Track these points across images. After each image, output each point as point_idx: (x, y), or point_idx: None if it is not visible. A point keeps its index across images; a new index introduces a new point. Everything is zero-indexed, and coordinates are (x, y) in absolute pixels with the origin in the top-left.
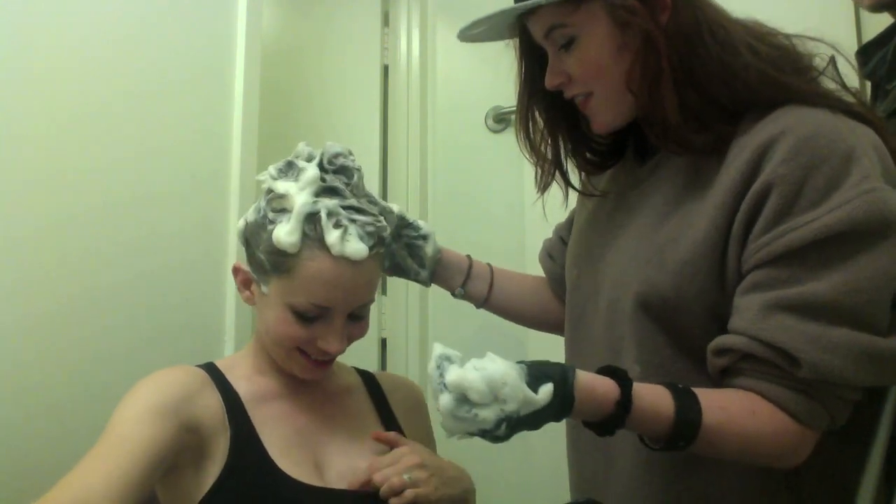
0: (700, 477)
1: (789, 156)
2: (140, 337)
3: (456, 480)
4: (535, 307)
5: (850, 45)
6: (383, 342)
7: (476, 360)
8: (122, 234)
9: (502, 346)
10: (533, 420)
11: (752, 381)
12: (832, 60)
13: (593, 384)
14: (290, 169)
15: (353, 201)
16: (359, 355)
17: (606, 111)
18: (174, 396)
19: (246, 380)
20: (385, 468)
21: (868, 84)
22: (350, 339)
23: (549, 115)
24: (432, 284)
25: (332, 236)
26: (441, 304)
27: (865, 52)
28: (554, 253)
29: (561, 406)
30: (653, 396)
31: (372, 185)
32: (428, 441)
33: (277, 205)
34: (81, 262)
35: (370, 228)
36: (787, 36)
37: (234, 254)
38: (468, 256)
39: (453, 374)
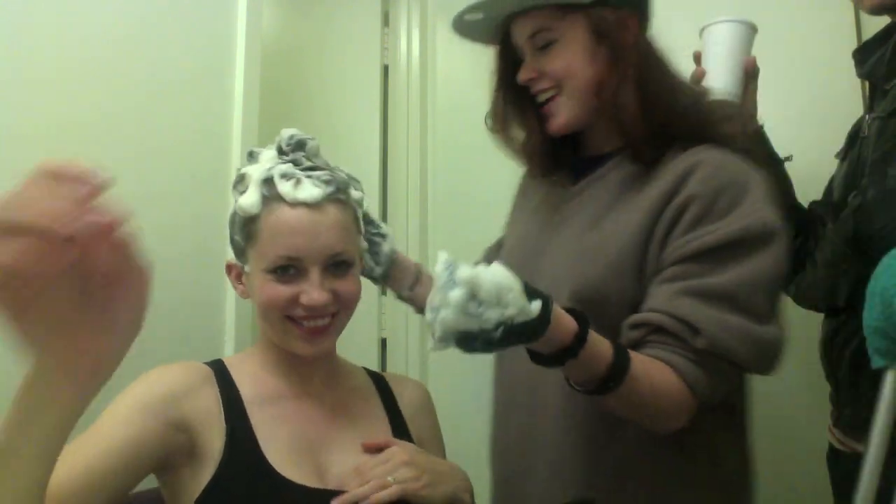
0: (617, 448)
1: (705, 180)
2: (139, 337)
3: (448, 476)
4: None
5: (850, 45)
6: (383, 342)
7: (483, 266)
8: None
9: None
10: (520, 331)
11: (658, 350)
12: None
13: (561, 315)
14: (251, 157)
15: (306, 163)
16: (359, 355)
17: (568, 110)
18: (162, 395)
19: (252, 378)
20: (373, 470)
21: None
22: (339, 298)
23: (518, 107)
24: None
25: (285, 186)
26: None
27: (863, 52)
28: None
29: (540, 323)
30: (598, 339)
31: (372, 185)
32: (436, 441)
33: (241, 187)
34: None
35: (325, 177)
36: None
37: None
38: (417, 264)
39: (467, 271)
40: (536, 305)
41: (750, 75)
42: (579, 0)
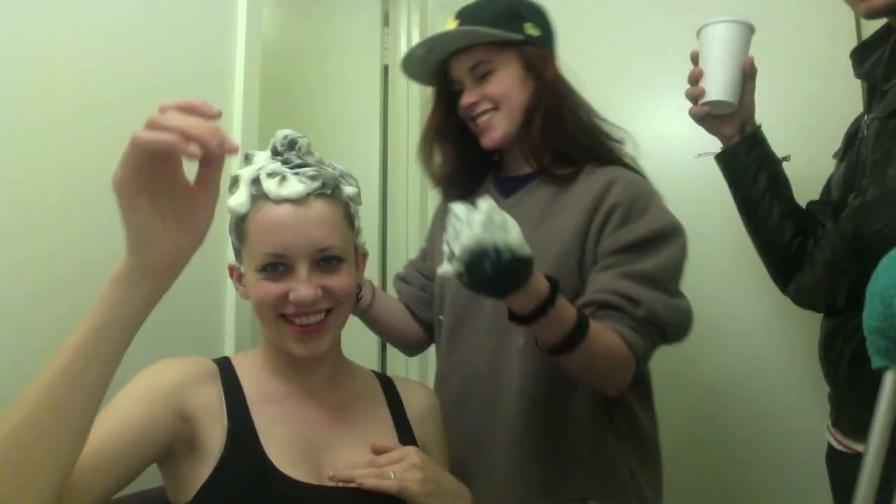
0: (562, 425)
1: (623, 191)
2: (139, 337)
3: (452, 494)
4: (401, 323)
5: (849, 46)
6: (384, 343)
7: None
8: (122, 235)
9: None
10: (512, 265)
11: (607, 322)
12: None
13: (538, 273)
14: (246, 160)
15: (297, 161)
16: (359, 355)
17: (504, 126)
18: (168, 383)
19: (255, 377)
20: (382, 463)
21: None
22: (331, 294)
23: (448, 134)
24: None
25: (270, 184)
26: None
27: (861, 53)
28: (410, 279)
29: (525, 270)
30: (565, 302)
31: (372, 185)
32: (440, 447)
33: (234, 189)
34: (81, 262)
35: (311, 173)
36: (603, 119)
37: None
38: (370, 282)
39: (486, 202)
40: (528, 248)
41: (748, 75)
42: (513, 38)
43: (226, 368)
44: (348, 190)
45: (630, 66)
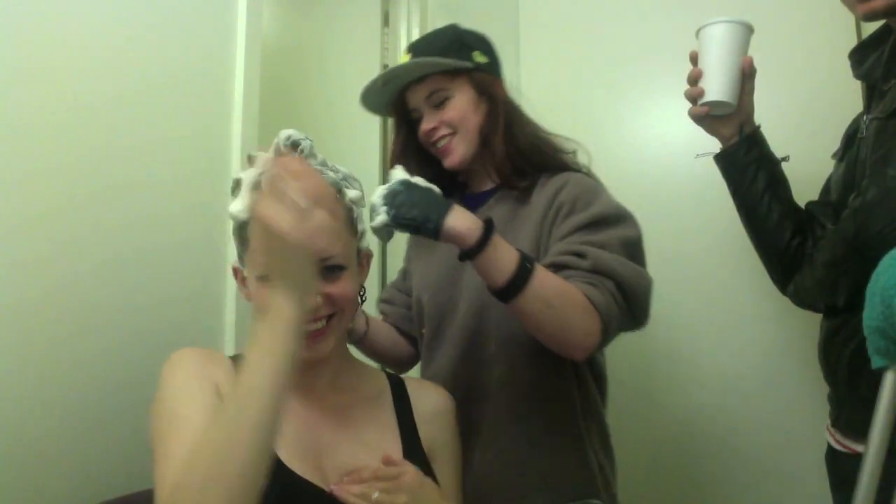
0: (536, 432)
1: (571, 189)
2: (141, 337)
3: None
4: (392, 343)
5: (848, 46)
6: None
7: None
8: (122, 236)
9: None
10: (422, 188)
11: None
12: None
13: (465, 211)
14: (248, 162)
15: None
16: (358, 354)
17: (462, 149)
18: (202, 360)
19: None
20: (372, 478)
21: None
22: (333, 301)
23: (416, 164)
24: None
25: None
26: None
27: (859, 54)
28: (394, 300)
29: (434, 193)
30: (508, 246)
31: (372, 185)
32: (448, 450)
33: (236, 192)
34: (82, 262)
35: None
36: (553, 134)
37: (233, 255)
38: (365, 312)
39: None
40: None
41: (747, 76)
42: (464, 65)
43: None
44: (351, 194)
45: (630, 66)
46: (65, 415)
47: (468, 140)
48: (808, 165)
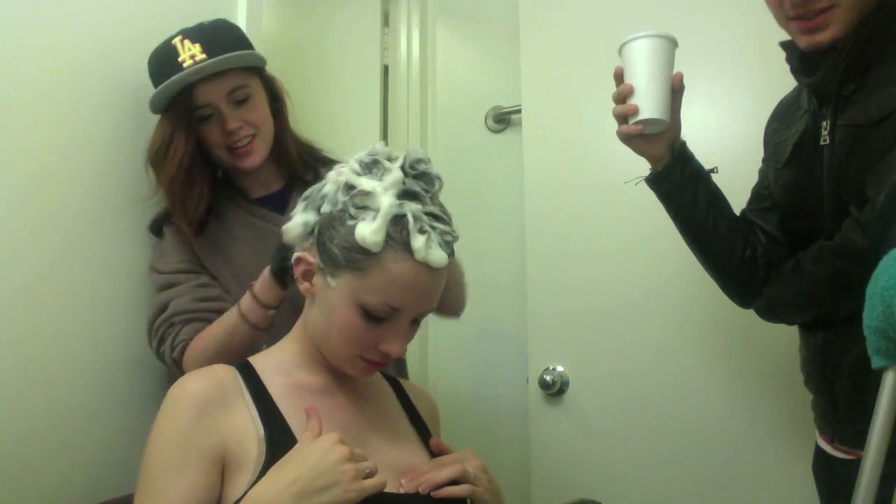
0: None
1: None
2: (143, 337)
3: (498, 494)
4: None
5: (771, 53)
6: None
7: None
8: (121, 236)
9: (502, 347)
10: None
11: None
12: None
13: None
14: (374, 166)
15: (432, 208)
16: None
17: (262, 150)
18: (197, 415)
19: (285, 374)
20: (452, 462)
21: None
22: (406, 346)
23: (204, 174)
24: None
25: (419, 241)
26: None
27: (811, 62)
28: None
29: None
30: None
31: None
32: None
33: (360, 202)
34: (82, 261)
35: (448, 238)
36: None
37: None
38: None
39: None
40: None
41: (676, 91)
42: (259, 64)
43: (248, 375)
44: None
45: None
46: (64, 415)
47: (267, 141)
48: (728, 173)
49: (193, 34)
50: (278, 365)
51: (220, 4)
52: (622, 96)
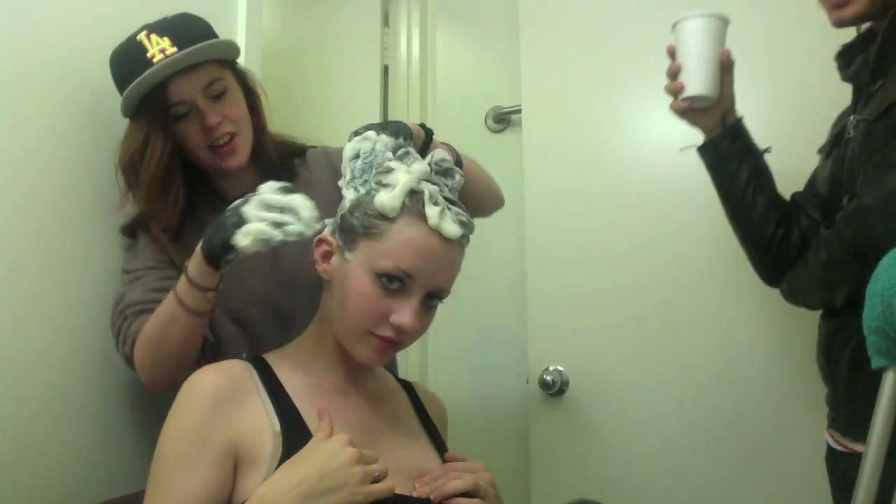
0: None
1: (339, 153)
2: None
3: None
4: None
5: (830, 38)
6: None
7: None
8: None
9: (502, 348)
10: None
11: None
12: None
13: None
14: (406, 156)
15: (449, 195)
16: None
17: (246, 147)
18: (212, 411)
19: (300, 370)
20: (465, 473)
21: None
22: (420, 329)
23: (180, 177)
24: None
25: (432, 210)
26: (441, 306)
27: (845, 56)
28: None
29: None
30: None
31: None
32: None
33: (384, 179)
34: (83, 262)
35: (462, 219)
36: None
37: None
38: None
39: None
40: None
41: (725, 68)
42: (234, 55)
43: (263, 371)
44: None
45: (630, 66)
46: (65, 414)
47: (248, 138)
48: (790, 158)
49: (159, 28)
50: (294, 361)
51: (221, 4)
52: (672, 73)
